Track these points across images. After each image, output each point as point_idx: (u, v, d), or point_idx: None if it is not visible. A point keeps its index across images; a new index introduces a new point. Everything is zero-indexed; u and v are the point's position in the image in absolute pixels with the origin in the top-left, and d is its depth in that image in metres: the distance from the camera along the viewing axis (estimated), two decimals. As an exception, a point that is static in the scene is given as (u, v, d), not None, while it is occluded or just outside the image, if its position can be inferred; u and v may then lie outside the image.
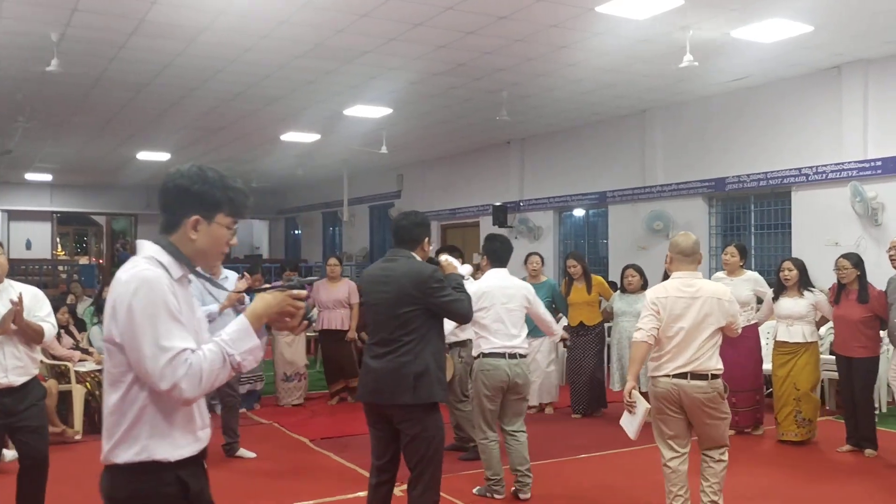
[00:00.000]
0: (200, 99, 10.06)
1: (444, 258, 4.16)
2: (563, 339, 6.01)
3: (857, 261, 5.97)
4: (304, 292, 2.17)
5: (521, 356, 4.99)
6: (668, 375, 4.09)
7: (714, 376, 4.09)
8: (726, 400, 4.18)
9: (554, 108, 10.76)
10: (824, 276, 7.16)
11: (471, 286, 4.94)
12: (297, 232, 22.99)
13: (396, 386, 3.69)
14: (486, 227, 13.75)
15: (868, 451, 5.97)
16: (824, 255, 7.69)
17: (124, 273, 2.06)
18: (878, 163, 8.29)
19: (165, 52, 7.95)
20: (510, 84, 9.30)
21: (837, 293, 6.05)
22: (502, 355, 4.91)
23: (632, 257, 10.34)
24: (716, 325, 4.11)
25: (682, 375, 4.06)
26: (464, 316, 3.84)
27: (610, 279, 9.61)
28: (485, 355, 4.93)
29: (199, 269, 2.22)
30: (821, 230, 8.77)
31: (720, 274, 6.78)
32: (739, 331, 4.36)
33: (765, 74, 8.98)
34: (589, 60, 8.28)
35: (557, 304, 7.43)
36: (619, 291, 7.42)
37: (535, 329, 7.08)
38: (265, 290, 2.20)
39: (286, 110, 10.79)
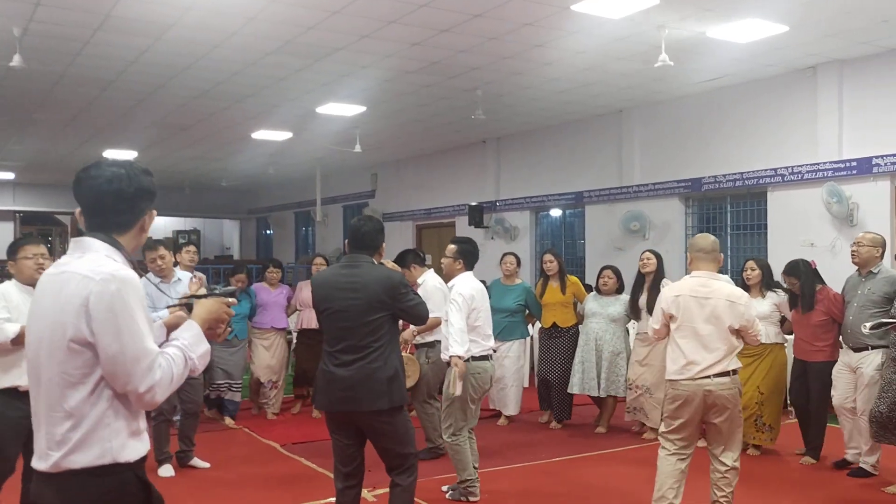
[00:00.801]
0: (168, 96, 9.99)
1: (388, 262, 4.38)
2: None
3: (799, 272, 5.96)
4: (234, 300, 2.34)
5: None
6: (692, 378, 4.18)
7: (734, 372, 4.25)
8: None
9: (530, 106, 10.82)
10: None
11: (461, 289, 5.03)
12: (268, 232, 22.88)
13: (370, 392, 3.77)
14: (462, 227, 13.78)
15: (805, 459, 5.96)
16: (799, 256, 7.82)
17: (93, 271, 2.00)
18: (853, 163, 8.45)
19: (132, 49, 7.89)
20: (485, 83, 9.35)
21: (793, 298, 6.08)
22: (486, 357, 5.11)
23: (609, 258, 10.43)
24: (727, 327, 4.22)
25: (706, 376, 4.18)
26: (425, 318, 4.05)
27: (587, 282, 9.68)
28: (475, 358, 5.03)
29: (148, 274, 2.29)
30: (796, 231, 8.91)
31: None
32: (760, 338, 4.49)
33: (740, 74, 9.11)
34: (565, 59, 8.35)
35: (531, 308, 7.38)
36: (593, 292, 7.36)
37: (504, 331, 7.16)
38: (204, 297, 2.30)
39: (257, 108, 10.74)
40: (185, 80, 9.19)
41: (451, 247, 5.27)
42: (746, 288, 6.28)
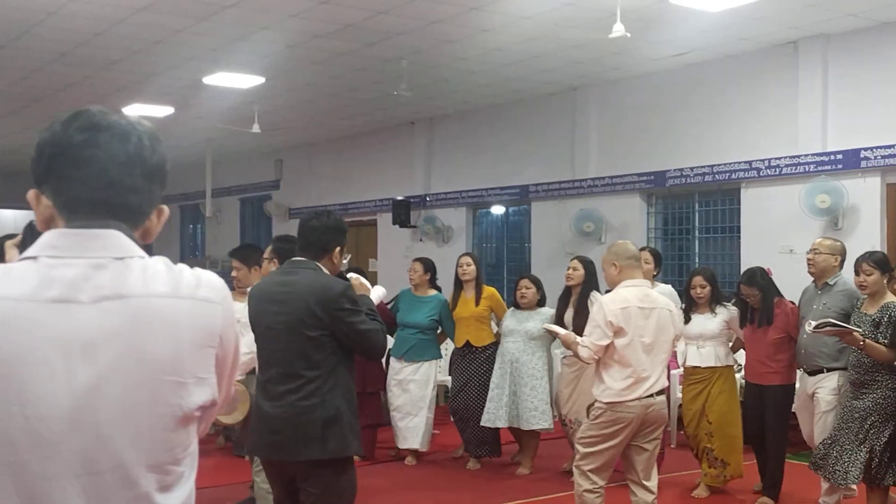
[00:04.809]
0: (14, 59, 9.72)
1: (354, 276, 4.19)
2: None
3: (759, 282, 6.09)
4: None
5: None
6: (639, 398, 4.60)
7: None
8: None
9: (467, 82, 10.88)
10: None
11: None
12: (148, 230, 22.41)
13: (300, 437, 3.61)
14: (386, 226, 13.77)
15: (762, 500, 6.02)
16: (777, 264, 8.03)
17: (209, 288, 1.61)
18: (839, 156, 8.72)
19: (-35, -1, 7.66)
20: (411, 51, 9.36)
21: (749, 313, 6.17)
22: None
23: (559, 264, 10.53)
24: (671, 339, 4.77)
25: (651, 394, 4.63)
26: (377, 350, 3.88)
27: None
28: None
29: None
30: (773, 234, 9.11)
31: None
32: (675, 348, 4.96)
33: (710, 49, 9.33)
34: (507, 25, 8.41)
35: (444, 325, 7.52)
36: (511, 308, 7.47)
37: (412, 350, 7.25)
38: None
39: (128, 76, 10.55)
40: (34, 41, 8.96)
41: (268, 248, 5.21)
42: (692, 304, 6.45)
